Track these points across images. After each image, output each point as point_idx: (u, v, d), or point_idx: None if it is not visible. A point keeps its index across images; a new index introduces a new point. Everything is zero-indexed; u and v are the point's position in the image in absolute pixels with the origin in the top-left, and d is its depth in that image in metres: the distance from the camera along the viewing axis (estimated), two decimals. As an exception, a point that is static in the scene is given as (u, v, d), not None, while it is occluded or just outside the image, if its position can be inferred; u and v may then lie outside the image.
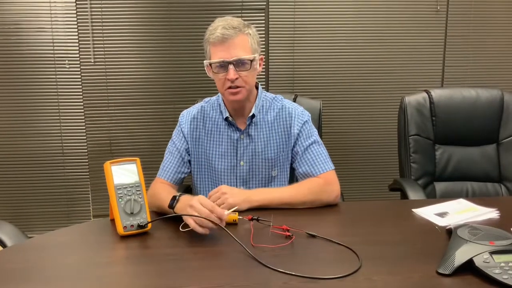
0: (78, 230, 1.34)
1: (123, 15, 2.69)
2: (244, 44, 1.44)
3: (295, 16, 2.79)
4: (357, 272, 1.02)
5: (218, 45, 1.42)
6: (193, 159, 1.59)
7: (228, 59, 1.42)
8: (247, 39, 1.46)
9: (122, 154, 2.79)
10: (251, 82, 1.51)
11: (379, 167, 2.97)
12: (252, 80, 1.51)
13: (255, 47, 1.48)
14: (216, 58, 1.44)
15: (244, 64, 1.45)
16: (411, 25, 2.86)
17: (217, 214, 1.17)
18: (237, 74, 1.43)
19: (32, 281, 1.00)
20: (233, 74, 1.43)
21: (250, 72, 1.47)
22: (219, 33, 1.41)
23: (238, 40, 1.43)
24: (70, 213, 2.84)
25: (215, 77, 1.48)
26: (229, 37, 1.41)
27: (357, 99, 2.91)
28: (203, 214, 1.16)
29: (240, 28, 1.44)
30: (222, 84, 1.47)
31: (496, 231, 1.10)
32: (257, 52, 1.49)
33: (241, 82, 1.45)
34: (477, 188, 1.96)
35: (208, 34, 1.46)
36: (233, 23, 1.43)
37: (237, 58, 1.42)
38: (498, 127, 1.96)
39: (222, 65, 1.44)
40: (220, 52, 1.43)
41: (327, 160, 1.55)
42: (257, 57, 1.48)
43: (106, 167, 1.24)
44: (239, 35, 1.43)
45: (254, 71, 1.49)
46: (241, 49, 1.43)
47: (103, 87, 2.75)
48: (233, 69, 1.43)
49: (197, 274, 1.02)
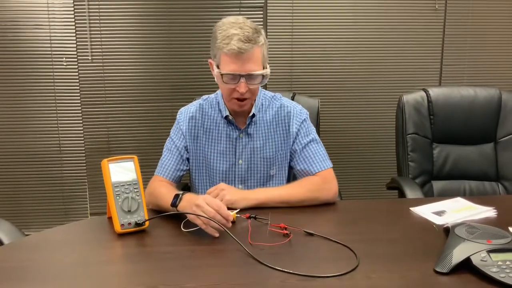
0: (75, 228, 1.34)
1: (120, 13, 2.68)
2: (257, 57, 1.41)
3: (293, 14, 2.79)
4: (354, 270, 1.02)
5: (232, 58, 1.38)
6: (192, 157, 1.58)
7: (241, 73, 1.40)
8: (260, 51, 1.42)
9: (119, 151, 2.78)
10: (257, 92, 1.52)
11: (377, 165, 2.97)
12: (258, 90, 1.51)
13: (266, 57, 1.45)
14: (228, 69, 1.40)
15: (255, 79, 1.43)
16: (409, 24, 2.86)
17: (223, 214, 1.17)
18: (247, 87, 1.42)
19: (28, 280, 1.00)
20: (244, 88, 1.40)
21: (259, 85, 1.46)
22: (235, 47, 1.35)
23: (252, 54, 1.39)
24: (67, 211, 2.84)
25: (221, 84, 1.46)
26: (244, 51, 1.37)
27: (355, 98, 2.91)
28: (210, 215, 1.16)
29: (255, 39, 1.39)
30: (229, 93, 1.45)
31: (493, 230, 1.11)
32: (267, 61, 1.46)
33: (249, 94, 1.45)
34: (475, 187, 1.96)
35: (220, 40, 1.39)
36: (248, 34, 1.38)
37: (250, 73, 1.40)
38: (495, 126, 1.96)
39: (233, 77, 1.41)
40: (233, 65, 1.39)
41: (325, 158, 1.55)
42: (268, 71, 1.44)
43: (104, 165, 1.23)
44: (254, 49, 1.39)
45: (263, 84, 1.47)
46: (254, 63, 1.40)
47: (100, 84, 2.74)
48: (245, 82, 1.40)
49: (195, 272, 1.02)
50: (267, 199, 1.40)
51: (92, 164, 2.80)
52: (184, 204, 1.26)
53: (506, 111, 1.95)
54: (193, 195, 1.27)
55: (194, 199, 1.22)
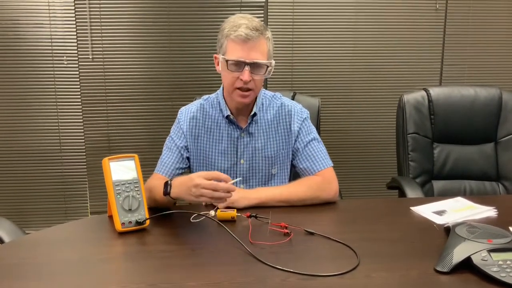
0: (76, 226, 1.34)
1: (121, 11, 2.68)
2: (263, 48, 1.43)
3: (294, 13, 2.79)
4: (355, 269, 1.02)
5: (238, 44, 1.40)
6: (193, 157, 1.58)
7: (246, 60, 1.41)
8: (266, 43, 1.45)
9: (120, 150, 2.78)
10: (260, 86, 1.52)
11: (377, 165, 2.97)
12: (261, 84, 1.52)
13: (271, 52, 1.47)
14: (233, 56, 1.41)
15: (260, 68, 1.43)
16: (410, 24, 2.86)
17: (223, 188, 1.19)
18: (251, 76, 1.42)
19: (29, 278, 1.00)
20: (247, 76, 1.41)
21: (263, 77, 1.46)
22: (243, 33, 1.38)
23: (258, 43, 1.41)
24: (68, 209, 2.84)
25: (226, 74, 1.46)
26: (251, 38, 1.39)
27: (356, 97, 2.91)
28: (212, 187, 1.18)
29: (261, 30, 1.42)
30: (233, 82, 1.45)
31: (494, 229, 1.11)
32: (272, 57, 1.48)
33: (253, 85, 1.45)
34: (475, 187, 1.96)
35: (228, 29, 1.42)
36: (255, 24, 1.41)
37: (255, 61, 1.41)
38: (496, 126, 1.96)
39: (238, 64, 1.42)
40: (239, 52, 1.40)
41: (326, 157, 1.56)
42: (273, 63, 1.46)
43: (105, 163, 1.23)
44: (261, 38, 1.42)
45: (267, 76, 1.48)
46: (260, 52, 1.42)
47: (101, 83, 2.74)
48: (249, 70, 1.41)
49: (195, 271, 1.02)
50: (268, 198, 1.40)
51: (92, 163, 2.80)
52: (176, 190, 1.26)
53: (506, 111, 1.95)
54: (182, 178, 1.27)
55: (187, 181, 1.22)
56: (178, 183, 1.27)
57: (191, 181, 1.20)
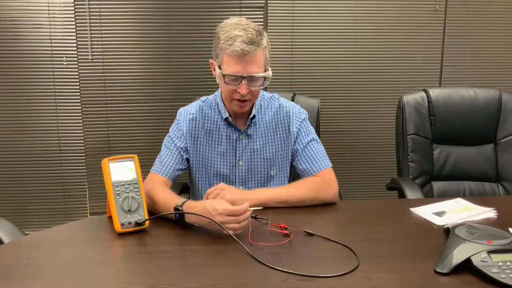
0: (75, 227, 1.34)
1: (121, 12, 2.68)
2: (260, 60, 1.41)
3: (294, 14, 2.79)
4: (355, 270, 1.02)
5: (235, 58, 1.38)
6: (192, 159, 1.58)
7: (244, 75, 1.40)
8: (263, 53, 1.43)
9: (119, 151, 2.78)
10: (258, 95, 1.51)
11: (377, 166, 2.97)
12: (259, 92, 1.51)
13: (268, 59, 1.46)
14: (230, 70, 1.40)
15: (257, 81, 1.43)
16: (409, 25, 2.85)
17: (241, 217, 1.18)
18: (248, 89, 1.42)
19: (28, 278, 1.00)
20: (245, 90, 1.40)
21: (260, 87, 1.46)
22: (239, 48, 1.36)
23: (255, 56, 1.39)
24: (67, 210, 2.83)
25: (223, 85, 1.45)
26: (248, 53, 1.37)
27: (355, 98, 2.91)
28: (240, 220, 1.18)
29: (258, 42, 1.39)
30: (230, 94, 1.45)
31: (494, 231, 1.11)
32: (269, 64, 1.47)
33: (250, 96, 1.45)
34: (475, 188, 1.96)
35: (223, 41, 1.39)
36: (251, 36, 1.38)
37: (252, 75, 1.40)
38: (496, 127, 1.96)
39: (235, 79, 1.41)
40: (236, 66, 1.39)
41: (325, 157, 1.56)
42: (270, 74, 1.45)
43: (104, 164, 1.23)
44: (257, 51, 1.39)
45: (264, 86, 1.48)
46: (256, 65, 1.40)
47: (100, 84, 2.74)
48: (246, 84, 1.40)
49: (195, 271, 1.02)
50: (267, 199, 1.40)
51: (92, 164, 2.80)
52: (194, 219, 1.23)
53: (506, 112, 1.95)
54: (194, 204, 1.24)
55: (209, 209, 1.19)
56: (194, 210, 1.23)
57: (212, 210, 1.18)
